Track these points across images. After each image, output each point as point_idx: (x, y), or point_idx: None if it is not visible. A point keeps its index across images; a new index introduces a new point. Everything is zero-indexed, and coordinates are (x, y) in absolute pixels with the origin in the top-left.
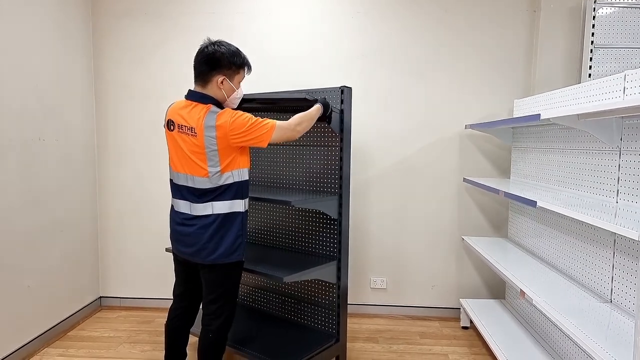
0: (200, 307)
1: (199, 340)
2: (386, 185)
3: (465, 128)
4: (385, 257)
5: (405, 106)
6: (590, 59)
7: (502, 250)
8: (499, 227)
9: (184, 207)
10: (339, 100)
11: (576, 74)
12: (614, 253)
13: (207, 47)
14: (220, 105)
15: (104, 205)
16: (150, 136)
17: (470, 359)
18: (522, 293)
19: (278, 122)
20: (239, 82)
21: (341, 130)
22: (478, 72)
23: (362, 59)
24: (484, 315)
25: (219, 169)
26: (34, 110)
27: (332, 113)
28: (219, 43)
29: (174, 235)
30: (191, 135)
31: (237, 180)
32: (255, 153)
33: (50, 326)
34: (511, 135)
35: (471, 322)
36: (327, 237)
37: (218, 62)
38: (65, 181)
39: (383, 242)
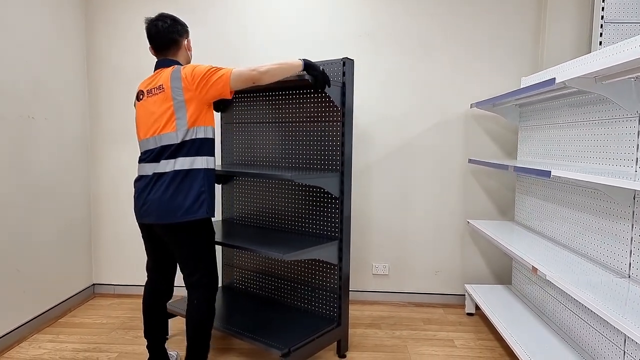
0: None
1: (185, 313)
2: (388, 169)
3: (471, 107)
4: (387, 242)
5: (408, 86)
6: (601, 34)
7: (509, 232)
8: (505, 211)
9: (149, 168)
10: (340, 73)
11: (586, 51)
12: (632, 225)
13: (159, 23)
14: None
15: (96, 189)
16: None
17: (477, 345)
18: (534, 269)
19: (235, 69)
20: None
21: (343, 104)
22: (484, 51)
23: (364, 38)
24: (491, 300)
25: (185, 121)
26: (23, 87)
27: (321, 73)
28: (165, 15)
29: (138, 203)
30: (160, 92)
31: (200, 137)
32: (252, 129)
33: (41, 312)
34: (518, 114)
35: (477, 308)
36: (328, 218)
37: (180, 29)
38: (57, 162)
39: (385, 227)
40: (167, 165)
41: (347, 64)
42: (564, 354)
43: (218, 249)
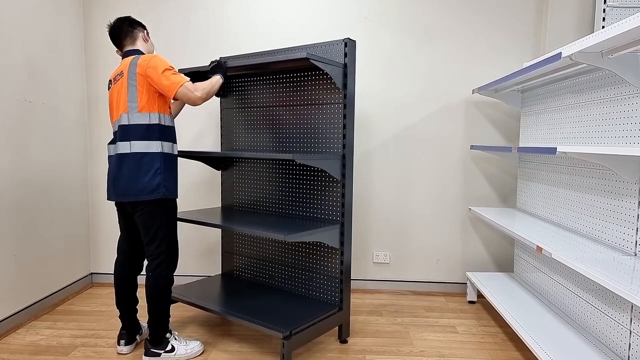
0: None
1: (145, 282)
2: (389, 156)
3: (473, 93)
4: (388, 230)
5: (409, 72)
6: (604, 19)
7: (512, 217)
8: (507, 198)
9: (112, 149)
10: (342, 54)
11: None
12: (638, 202)
13: (113, 23)
14: None
15: (94, 177)
16: None
17: (479, 331)
18: (539, 249)
19: (187, 84)
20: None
21: (344, 85)
22: (486, 36)
23: (364, 22)
24: (493, 287)
25: (136, 104)
26: (20, 70)
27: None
28: (119, 17)
29: (107, 182)
30: (120, 78)
31: (154, 122)
32: (253, 113)
33: (38, 299)
34: (520, 100)
35: (478, 296)
36: (330, 202)
37: (133, 22)
38: (55, 147)
39: (386, 215)
40: (124, 147)
41: (348, 45)
42: (569, 336)
43: (218, 236)
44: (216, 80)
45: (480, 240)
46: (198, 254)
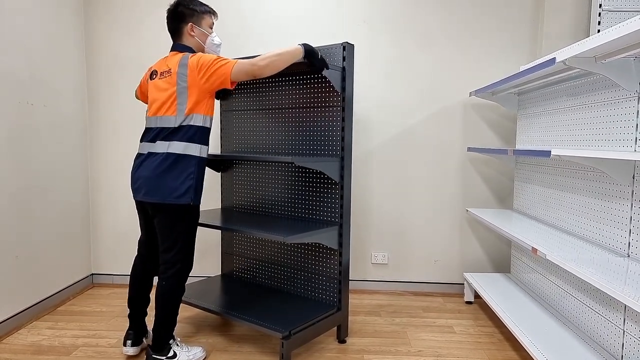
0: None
1: (156, 287)
2: (387, 157)
3: (470, 95)
4: (387, 231)
5: (408, 75)
6: (599, 22)
7: (508, 218)
8: (504, 200)
9: (147, 147)
10: (340, 58)
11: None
12: (631, 205)
13: (170, 9)
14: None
15: (95, 178)
16: (144, 106)
17: (477, 331)
18: (534, 250)
19: (237, 64)
20: (209, 27)
21: (343, 89)
22: (483, 40)
23: (363, 25)
24: (490, 287)
25: (185, 106)
26: (22, 73)
27: (319, 60)
28: (177, 1)
29: (132, 179)
30: (168, 76)
31: (198, 124)
32: (252, 116)
33: (39, 300)
34: (517, 102)
35: (475, 297)
36: (329, 204)
37: (182, 14)
38: (56, 149)
39: (384, 216)
40: (161, 147)
41: (347, 49)
42: (564, 336)
43: (217, 237)
44: (293, 48)
45: (478, 242)
46: (198, 254)
